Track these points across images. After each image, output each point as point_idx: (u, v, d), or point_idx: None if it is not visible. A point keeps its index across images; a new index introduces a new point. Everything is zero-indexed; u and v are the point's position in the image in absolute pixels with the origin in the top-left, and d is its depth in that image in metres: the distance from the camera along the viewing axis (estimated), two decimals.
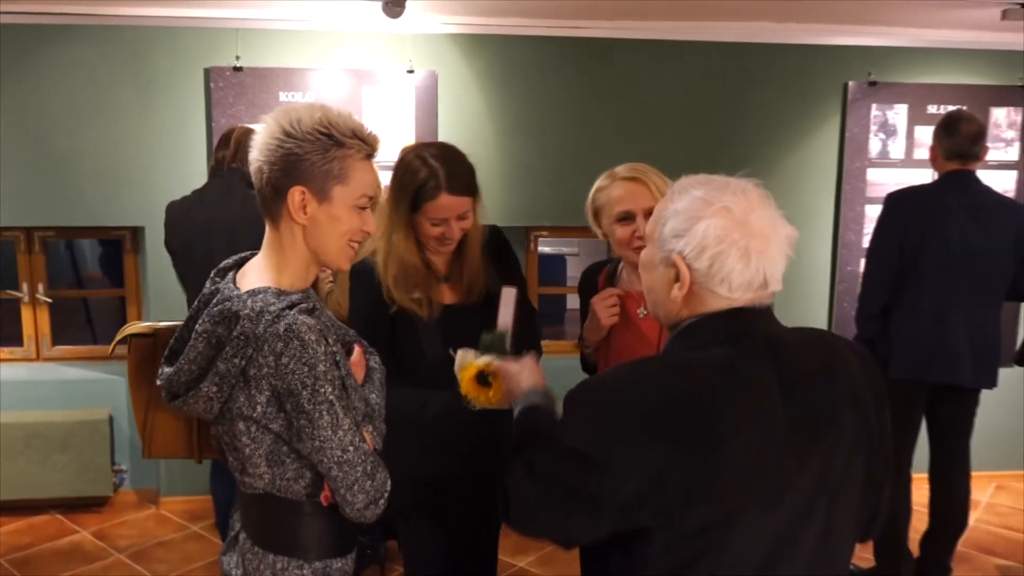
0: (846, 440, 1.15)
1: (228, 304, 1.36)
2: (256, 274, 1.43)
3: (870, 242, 3.13)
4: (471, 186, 1.90)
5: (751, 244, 1.12)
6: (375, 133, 1.44)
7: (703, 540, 1.07)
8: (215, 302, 1.39)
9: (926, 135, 3.22)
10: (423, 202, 1.86)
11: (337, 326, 1.50)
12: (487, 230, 2.03)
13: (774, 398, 1.09)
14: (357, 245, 1.46)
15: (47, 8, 3.48)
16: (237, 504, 1.56)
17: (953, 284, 2.95)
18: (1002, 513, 4.03)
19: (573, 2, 3.51)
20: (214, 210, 2.96)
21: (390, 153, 1.91)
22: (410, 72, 3.80)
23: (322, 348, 1.34)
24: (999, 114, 4.16)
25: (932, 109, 4.07)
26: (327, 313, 1.48)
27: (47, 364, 4.03)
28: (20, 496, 3.75)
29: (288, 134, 1.36)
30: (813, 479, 1.11)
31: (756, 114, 4.04)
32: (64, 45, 3.61)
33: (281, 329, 1.31)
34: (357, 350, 1.49)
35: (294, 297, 1.39)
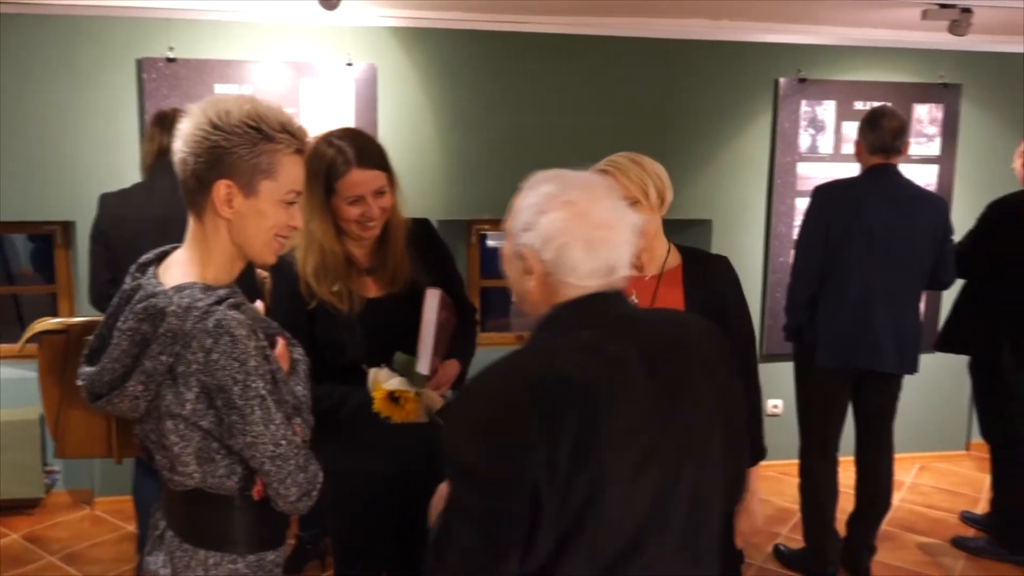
0: (704, 408, 1.23)
1: (153, 300, 1.33)
2: (180, 268, 1.40)
3: (798, 234, 3.21)
4: (381, 161, 1.89)
5: (594, 234, 1.19)
6: (304, 127, 1.42)
7: (580, 516, 1.10)
8: (138, 299, 1.36)
9: (853, 130, 3.33)
10: (335, 180, 1.84)
11: (261, 319, 1.49)
12: (412, 222, 2.03)
13: (636, 371, 1.16)
14: (284, 240, 1.45)
15: None
16: (159, 503, 1.53)
17: (876, 274, 3.05)
18: (925, 492, 4.20)
19: None
20: (169, 206, 2.81)
21: None
22: (349, 65, 3.78)
23: (252, 343, 1.32)
24: (921, 110, 4.32)
25: (859, 105, 4.20)
26: (251, 307, 1.46)
27: None
28: None
29: (215, 126, 1.33)
30: (676, 445, 1.18)
31: (691, 109, 4.12)
32: None
33: (211, 325, 1.29)
34: (280, 342, 1.48)
35: (221, 292, 1.37)
